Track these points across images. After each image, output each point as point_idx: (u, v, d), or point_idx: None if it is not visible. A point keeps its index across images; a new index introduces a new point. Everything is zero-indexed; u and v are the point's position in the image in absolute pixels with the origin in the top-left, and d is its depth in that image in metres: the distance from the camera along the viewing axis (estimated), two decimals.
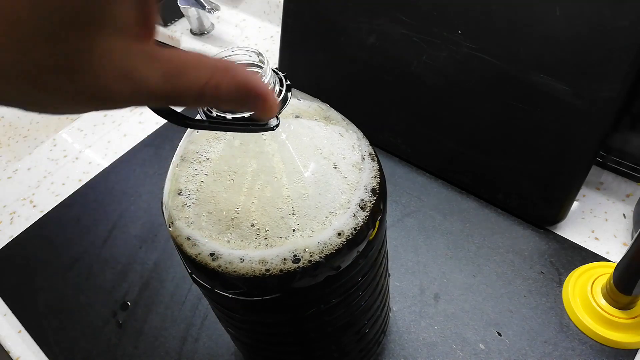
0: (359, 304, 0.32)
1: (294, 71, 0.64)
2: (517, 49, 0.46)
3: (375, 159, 0.30)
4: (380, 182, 0.29)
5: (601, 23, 0.42)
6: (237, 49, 0.26)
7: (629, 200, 0.50)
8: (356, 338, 0.35)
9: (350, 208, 0.27)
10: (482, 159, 0.51)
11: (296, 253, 0.25)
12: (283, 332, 0.32)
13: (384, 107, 0.57)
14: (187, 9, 0.79)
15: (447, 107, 0.52)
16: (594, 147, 0.45)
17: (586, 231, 0.49)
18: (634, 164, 0.50)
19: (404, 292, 0.46)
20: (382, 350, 0.43)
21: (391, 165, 0.57)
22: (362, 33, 0.56)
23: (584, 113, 0.44)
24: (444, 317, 0.44)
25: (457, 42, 0.49)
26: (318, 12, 0.60)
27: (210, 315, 0.47)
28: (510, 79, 0.47)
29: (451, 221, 0.51)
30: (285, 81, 0.26)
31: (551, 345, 0.41)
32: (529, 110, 0.47)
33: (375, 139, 0.56)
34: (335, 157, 0.28)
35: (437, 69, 0.51)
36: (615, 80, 0.42)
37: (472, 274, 0.47)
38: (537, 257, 0.47)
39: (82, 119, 0.72)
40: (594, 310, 0.42)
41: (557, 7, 0.43)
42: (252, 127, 0.24)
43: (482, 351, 0.42)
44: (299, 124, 0.28)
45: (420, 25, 0.51)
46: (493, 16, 0.47)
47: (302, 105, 0.29)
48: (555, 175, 0.47)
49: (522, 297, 0.45)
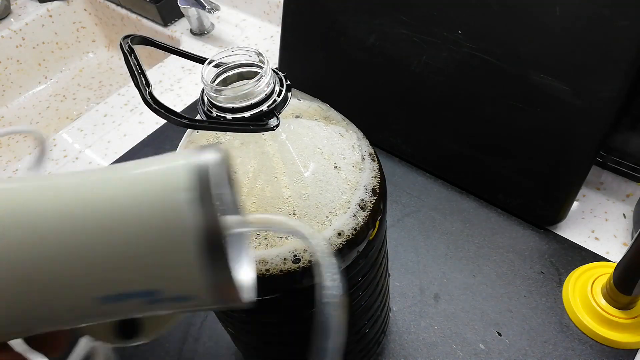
0: (359, 304, 0.32)
1: (294, 71, 0.64)
2: (517, 49, 0.46)
3: (375, 159, 0.30)
4: (380, 182, 0.29)
5: (601, 23, 0.42)
6: (237, 49, 0.26)
7: (629, 200, 0.50)
8: (356, 338, 0.35)
9: (351, 208, 0.27)
10: (482, 159, 0.51)
11: (296, 253, 0.25)
12: (283, 332, 0.32)
13: (384, 107, 0.57)
14: (187, 9, 0.79)
15: (447, 107, 0.52)
16: (594, 147, 0.45)
17: (586, 231, 0.49)
18: (634, 164, 0.50)
19: (404, 292, 0.46)
20: (382, 350, 0.43)
21: (391, 165, 0.57)
22: (362, 33, 0.56)
23: (584, 113, 0.44)
24: (444, 317, 0.44)
25: (457, 42, 0.49)
26: (318, 12, 0.60)
27: (210, 315, 0.47)
28: (510, 79, 0.47)
29: (451, 221, 0.51)
30: (285, 81, 0.26)
31: (551, 345, 0.41)
32: (529, 110, 0.47)
33: (375, 139, 0.57)
34: (336, 157, 0.28)
35: (437, 69, 0.51)
36: (615, 80, 0.42)
37: (472, 274, 0.47)
38: (537, 257, 0.47)
39: (82, 119, 0.72)
40: (594, 310, 0.42)
41: (557, 7, 0.43)
42: (252, 127, 0.24)
43: (482, 351, 0.42)
44: (299, 124, 0.28)
45: (420, 25, 0.51)
46: (493, 16, 0.47)
47: (302, 105, 0.29)
48: (555, 175, 0.47)
49: (522, 297, 0.45)
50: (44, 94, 1.01)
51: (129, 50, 0.24)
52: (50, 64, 1.02)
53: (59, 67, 1.03)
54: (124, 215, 0.16)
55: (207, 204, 0.16)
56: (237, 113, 0.24)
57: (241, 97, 0.24)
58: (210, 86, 0.24)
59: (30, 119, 0.96)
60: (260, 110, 0.24)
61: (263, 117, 0.24)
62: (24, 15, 0.98)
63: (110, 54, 1.06)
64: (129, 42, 0.25)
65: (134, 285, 0.16)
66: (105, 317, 0.17)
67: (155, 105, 0.23)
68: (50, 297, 0.16)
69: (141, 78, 0.24)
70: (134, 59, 0.24)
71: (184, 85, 0.74)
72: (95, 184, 0.16)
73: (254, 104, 0.24)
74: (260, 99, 0.24)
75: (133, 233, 0.16)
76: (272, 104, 0.25)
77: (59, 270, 0.15)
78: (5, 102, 0.99)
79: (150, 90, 0.23)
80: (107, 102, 0.74)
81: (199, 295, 0.16)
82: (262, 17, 0.83)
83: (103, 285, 0.16)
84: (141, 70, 0.24)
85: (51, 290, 0.16)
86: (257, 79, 0.24)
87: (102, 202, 0.16)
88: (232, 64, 0.26)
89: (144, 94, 0.23)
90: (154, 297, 0.16)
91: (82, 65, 1.05)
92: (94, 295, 0.16)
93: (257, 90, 0.24)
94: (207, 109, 0.25)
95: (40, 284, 0.16)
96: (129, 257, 0.16)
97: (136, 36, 0.26)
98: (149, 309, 0.17)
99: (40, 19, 0.98)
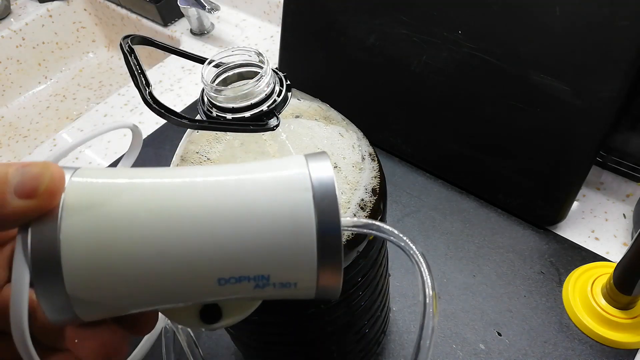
0: (359, 304, 0.32)
1: (294, 71, 0.64)
2: (517, 49, 0.46)
3: (375, 159, 0.30)
4: (380, 182, 0.29)
5: (601, 23, 0.42)
6: (237, 49, 0.26)
7: (629, 200, 0.50)
8: (356, 338, 0.35)
9: (350, 208, 0.27)
10: (482, 159, 0.51)
11: None
12: (283, 332, 0.32)
13: (384, 107, 0.57)
14: (187, 9, 0.79)
15: (447, 107, 0.52)
16: (594, 147, 0.45)
17: (586, 231, 0.49)
18: (634, 164, 0.50)
19: (404, 292, 0.46)
20: (382, 350, 0.43)
21: (391, 165, 0.57)
22: (362, 33, 0.56)
23: (584, 113, 0.44)
24: (444, 317, 0.44)
25: (457, 42, 0.49)
26: (318, 12, 0.60)
27: None
28: (510, 79, 0.47)
29: (451, 221, 0.51)
30: (285, 81, 0.26)
31: (551, 345, 0.41)
32: (529, 110, 0.47)
33: (375, 139, 0.57)
34: (335, 157, 0.28)
35: (437, 69, 0.51)
36: (615, 80, 0.42)
37: (472, 274, 0.47)
38: (537, 257, 0.47)
39: (82, 119, 0.72)
40: (594, 310, 0.42)
41: (557, 7, 0.43)
42: (252, 127, 0.24)
43: (482, 351, 0.42)
44: (299, 124, 0.28)
45: (420, 25, 0.51)
46: (493, 16, 0.47)
47: (302, 105, 0.29)
48: (555, 175, 0.47)
49: (522, 297, 0.45)
50: (44, 94, 1.01)
51: (129, 50, 0.24)
52: (50, 64, 1.02)
53: (59, 67, 1.03)
54: (255, 209, 0.18)
55: (327, 202, 0.18)
56: (237, 113, 0.24)
57: (241, 97, 0.24)
58: (210, 86, 0.24)
59: (30, 119, 0.96)
60: (260, 110, 0.24)
61: (263, 117, 0.24)
62: (24, 15, 0.98)
63: (110, 54, 1.06)
64: (129, 42, 0.25)
65: (254, 270, 0.18)
66: (214, 297, 0.19)
67: (155, 105, 0.23)
68: (185, 276, 0.18)
69: (141, 78, 0.24)
70: (134, 59, 0.24)
71: (184, 85, 0.74)
72: (229, 184, 0.19)
73: (254, 104, 0.24)
74: (260, 99, 0.24)
75: (265, 224, 0.18)
76: (272, 104, 0.25)
77: (202, 253, 0.18)
78: (5, 102, 0.99)
79: (150, 90, 0.23)
80: (107, 102, 0.74)
81: (304, 282, 0.19)
82: (262, 17, 0.83)
83: (229, 268, 0.18)
84: (141, 70, 0.24)
85: (188, 270, 0.18)
86: (257, 79, 0.24)
87: (237, 200, 0.18)
88: (232, 64, 0.26)
89: (144, 94, 0.23)
90: (266, 281, 0.18)
91: (82, 65, 1.05)
92: (217, 276, 0.18)
93: (257, 90, 0.24)
94: (207, 109, 0.25)
95: (183, 265, 0.18)
96: (258, 245, 0.18)
97: (136, 36, 0.26)
98: (253, 293, 0.19)
99: (40, 19, 0.98)
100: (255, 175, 0.19)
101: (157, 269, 0.18)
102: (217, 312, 0.21)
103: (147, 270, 0.18)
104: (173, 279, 0.18)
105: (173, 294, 0.19)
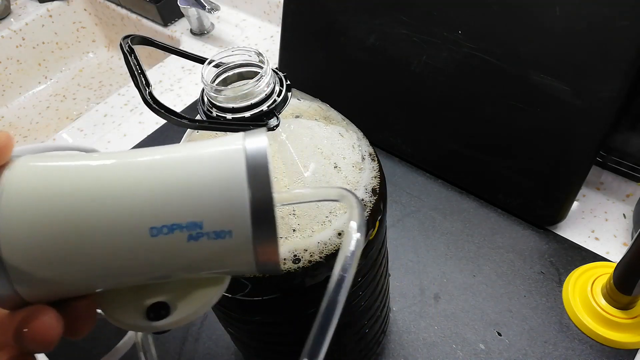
0: (359, 304, 0.32)
1: (294, 71, 0.64)
2: (517, 49, 0.46)
3: (375, 159, 0.30)
4: (380, 182, 0.29)
5: (601, 23, 0.42)
6: (237, 49, 0.26)
7: (629, 200, 0.50)
8: (356, 338, 0.35)
9: None
10: (482, 159, 0.51)
11: (296, 253, 0.25)
12: (283, 332, 0.32)
13: (384, 107, 0.57)
14: (187, 9, 0.79)
15: (447, 107, 0.52)
16: (594, 147, 0.45)
17: (586, 231, 0.49)
18: (634, 164, 0.50)
19: (404, 292, 0.46)
20: (382, 350, 0.43)
21: (391, 165, 0.57)
22: (362, 33, 0.56)
23: (584, 113, 0.44)
24: (444, 317, 0.44)
25: (457, 42, 0.49)
26: (318, 12, 0.60)
27: (210, 315, 0.47)
28: (510, 79, 0.47)
29: (451, 221, 0.51)
30: (285, 81, 0.26)
31: (551, 345, 0.41)
32: (529, 110, 0.47)
33: (375, 139, 0.57)
34: (336, 157, 0.28)
35: (437, 69, 0.51)
36: (615, 80, 0.42)
37: (472, 274, 0.47)
38: (537, 257, 0.47)
39: (82, 119, 0.72)
40: (594, 310, 0.42)
41: (557, 7, 0.43)
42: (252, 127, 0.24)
43: (482, 351, 0.42)
44: (299, 124, 0.28)
45: (420, 25, 0.51)
46: (493, 16, 0.47)
47: (302, 105, 0.29)
48: (555, 175, 0.47)
49: (522, 297, 0.45)
50: (44, 94, 1.01)
51: (129, 50, 0.24)
52: (50, 64, 1.02)
53: (59, 67, 1.03)
54: (187, 163, 0.19)
55: (258, 165, 0.19)
56: (237, 113, 0.24)
57: (241, 97, 0.24)
58: (210, 86, 0.24)
59: (30, 119, 0.96)
60: (260, 110, 0.24)
61: (263, 117, 0.24)
62: (24, 15, 0.98)
63: (110, 54, 1.06)
64: (129, 42, 0.25)
65: (185, 216, 0.18)
66: (151, 254, 0.19)
67: (155, 105, 0.23)
68: (116, 229, 0.18)
69: (141, 78, 0.24)
70: (134, 59, 0.24)
71: (184, 85, 0.74)
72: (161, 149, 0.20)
73: (254, 104, 0.24)
74: (260, 99, 0.24)
75: (193, 165, 0.19)
76: (272, 104, 0.25)
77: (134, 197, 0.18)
78: (5, 102, 0.99)
79: (150, 90, 0.23)
80: (107, 102, 0.74)
81: (239, 230, 0.18)
82: (262, 17, 0.83)
83: (160, 214, 0.18)
84: (141, 70, 0.24)
85: (119, 219, 0.18)
86: (257, 79, 0.24)
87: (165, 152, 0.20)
88: (232, 64, 0.26)
89: (144, 94, 0.23)
90: (199, 230, 0.18)
91: (82, 65, 1.05)
92: (149, 225, 0.18)
93: (257, 90, 0.24)
94: (207, 109, 0.25)
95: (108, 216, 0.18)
96: (187, 186, 0.18)
97: (136, 36, 0.26)
98: (188, 249, 0.19)
99: (40, 19, 0.98)
100: (189, 151, 0.20)
101: (89, 222, 0.18)
102: (163, 309, 0.20)
103: (78, 223, 0.18)
104: (105, 232, 0.18)
105: (109, 256, 0.18)
